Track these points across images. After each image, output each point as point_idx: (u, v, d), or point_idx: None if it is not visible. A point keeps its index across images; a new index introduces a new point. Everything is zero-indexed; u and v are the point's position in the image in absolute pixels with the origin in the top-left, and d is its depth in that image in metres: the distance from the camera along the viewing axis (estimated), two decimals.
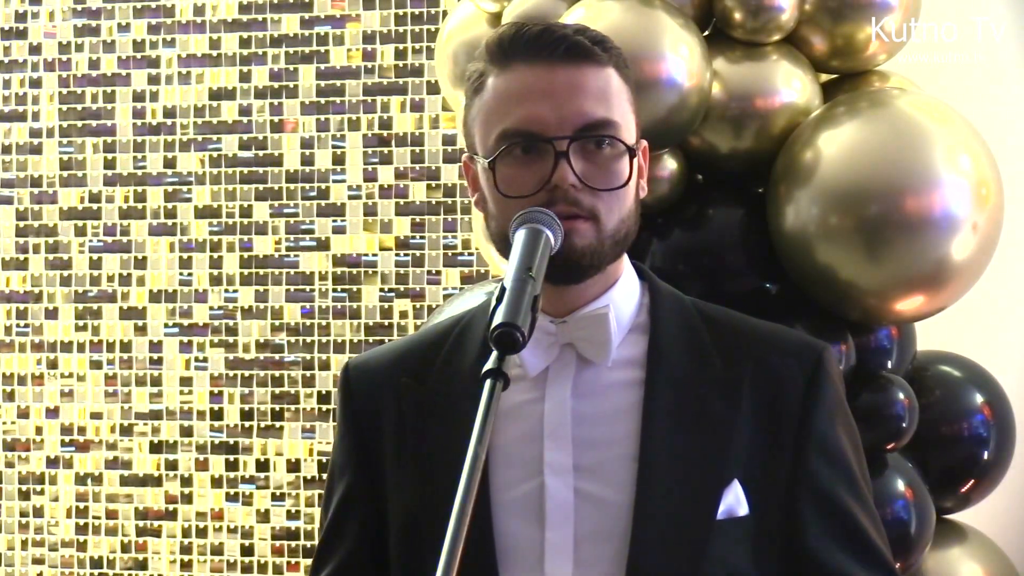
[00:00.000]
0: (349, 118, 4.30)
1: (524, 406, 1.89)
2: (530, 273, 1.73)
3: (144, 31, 4.40)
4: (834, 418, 1.91)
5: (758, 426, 1.87)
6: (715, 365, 1.89)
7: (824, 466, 1.89)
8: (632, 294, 1.93)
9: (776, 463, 1.87)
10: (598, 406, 1.88)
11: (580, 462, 1.86)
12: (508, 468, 1.88)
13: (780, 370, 1.90)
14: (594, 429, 1.87)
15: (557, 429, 1.87)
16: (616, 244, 1.86)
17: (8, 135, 4.48)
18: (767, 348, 1.92)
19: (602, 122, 1.84)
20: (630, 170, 1.84)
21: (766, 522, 1.86)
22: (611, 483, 1.85)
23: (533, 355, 1.88)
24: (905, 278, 2.83)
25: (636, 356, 1.90)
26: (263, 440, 4.33)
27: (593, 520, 1.84)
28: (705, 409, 1.87)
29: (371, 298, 4.28)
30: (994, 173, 2.88)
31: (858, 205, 2.80)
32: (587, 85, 1.85)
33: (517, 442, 1.88)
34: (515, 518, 1.86)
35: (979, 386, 3.09)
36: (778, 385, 1.89)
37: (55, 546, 4.45)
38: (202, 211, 4.37)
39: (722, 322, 1.95)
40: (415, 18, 4.26)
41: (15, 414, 4.47)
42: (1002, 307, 3.68)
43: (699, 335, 1.92)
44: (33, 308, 4.47)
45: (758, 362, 1.90)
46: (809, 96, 2.95)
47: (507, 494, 1.87)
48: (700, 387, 1.88)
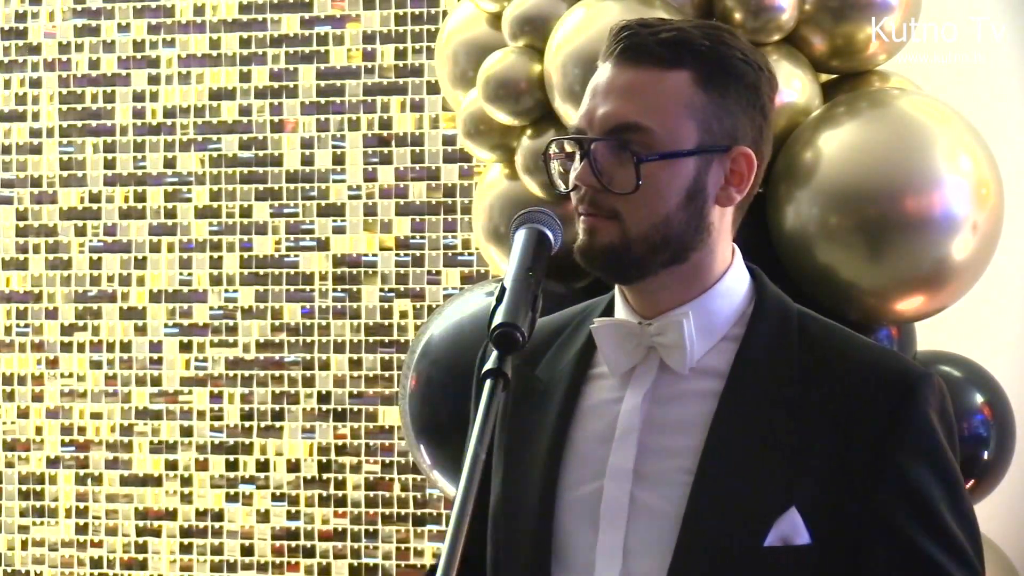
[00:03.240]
0: (349, 118, 4.30)
1: (604, 405, 1.87)
2: (530, 273, 1.73)
3: (144, 31, 4.40)
4: (920, 457, 1.80)
5: (832, 456, 1.79)
6: (796, 387, 1.82)
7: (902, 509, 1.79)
8: (733, 301, 1.88)
9: (847, 497, 1.78)
10: (670, 413, 1.85)
11: (641, 469, 1.83)
12: (577, 466, 1.87)
13: (864, 400, 1.81)
14: (662, 437, 1.84)
15: (626, 433, 1.85)
16: (653, 249, 1.82)
17: (8, 135, 4.48)
18: (857, 376, 1.83)
19: (628, 125, 1.81)
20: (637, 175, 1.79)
21: (831, 555, 1.78)
22: (666, 494, 1.82)
23: (617, 354, 1.86)
24: (905, 278, 2.83)
25: (721, 367, 1.85)
26: (263, 440, 4.33)
27: (644, 529, 1.82)
28: (774, 431, 1.80)
29: (371, 298, 4.28)
30: (994, 173, 2.88)
31: (858, 205, 2.80)
32: (634, 87, 1.83)
33: (590, 441, 1.87)
34: (574, 518, 1.85)
35: (979, 386, 3.09)
36: (859, 416, 1.80)
37: (55, 546, 4.45)
38: (202, 211, 4.37)
39: (820, 341, 1.87)
40: (415, 18, 4.26)
41: (15, 414, 4.47)
42: (1002, 307, 3.68)
43: (790, 352, 1.85)
44: (33, 308, 4.47)
45: (843, 389, 1.81)
46: (809, 96, 2.95)
47: (571, 493, 1.86)
48: (775, 408, 1.81)
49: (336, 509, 4.29)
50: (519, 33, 3.02)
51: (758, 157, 1.87)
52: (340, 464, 4.29)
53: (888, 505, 1.78)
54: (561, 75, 2.86)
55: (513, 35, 3.03)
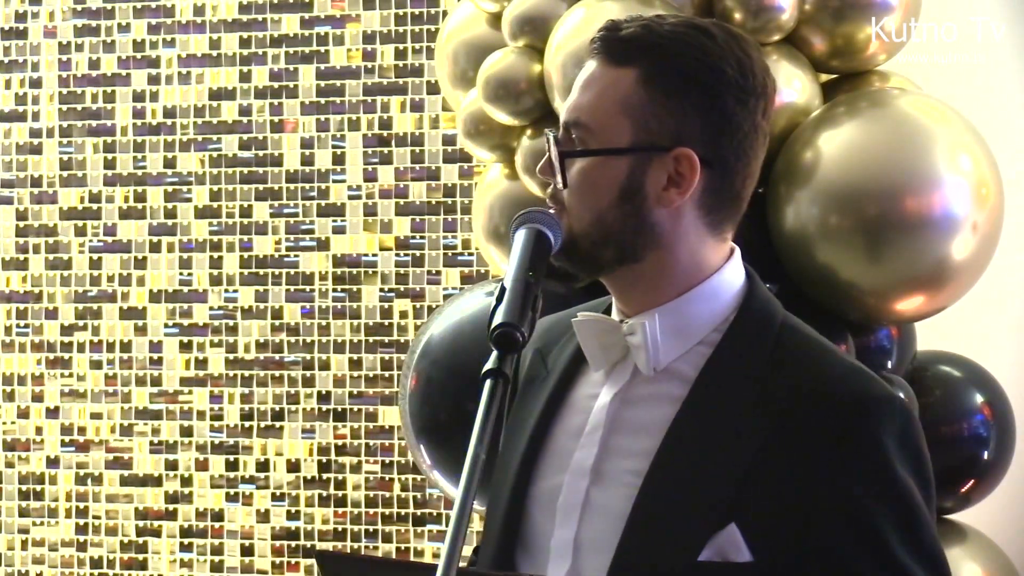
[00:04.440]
0: (349, 118, 4.30)
1: (585, 400, 1.89)
2: (530, 273, 1.73)
3: (144, 31, 4.40)
4: (868, 484, 1.74)
5: (781, 475, 1.75)
6: (755, 402, 1.78)
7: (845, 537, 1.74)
8: (715, 306, 1.85)
9: (792, 518, 1.74)
10: (635, 416, 1.85)
11: (599, 467, 1.84)
12: (551, 458, 1.89)
13: (817, 421, 1.76)
14: (623, 438, 1.84)
15: (594, 430, 1.86)
16: (595, 245, 1.82)
17: (8, 135, 4.48)
18: (817, 396, 1.77)
19: (575, 121, 1.85)
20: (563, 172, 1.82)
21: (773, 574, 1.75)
22: (616, 494, 1.82)
23: (594, 349, 1.87)
24: (905, 278, 2.83)
25: (689, 372, 1.83)
26: (263, 440, 4.33)
27: (594, 527, 1.83)
28: (727, 444, 1.77)
29: (371, 298, 4.28)
30: (994, 173, 2.88)
31: (858, 205, 2.80)
32: (589, 84, 1.85)
33: (564, 435, 1.89)
34: (540, 509, 1.88)
35: (979, 386, 3.09)
36: (810, 437, 1.75)
37: (55, 546, 4.45)
38: (202, 211, 4.37)
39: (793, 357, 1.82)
40: (415, 18, 4.26)
41: (15, 414, 4.47)
42: (1002, 307, 3.68)
43: (759, 366, 1.80)
44: (33, 308, 4.47)
45: (802, 409, 1.77)
46: (809, 96, 2.95)
47: (540, 484, 1.88)
48: (733, 420, 1.78)
49: (336, 509, 4.29)
50: (519, 33, 3.02)
51: (712, 161, 1.81)
52: (340, 464, 4.29)
53: (830, 531, 1.74)
54: (561, 75, 2.86)
55: (513, 35, 3.03)
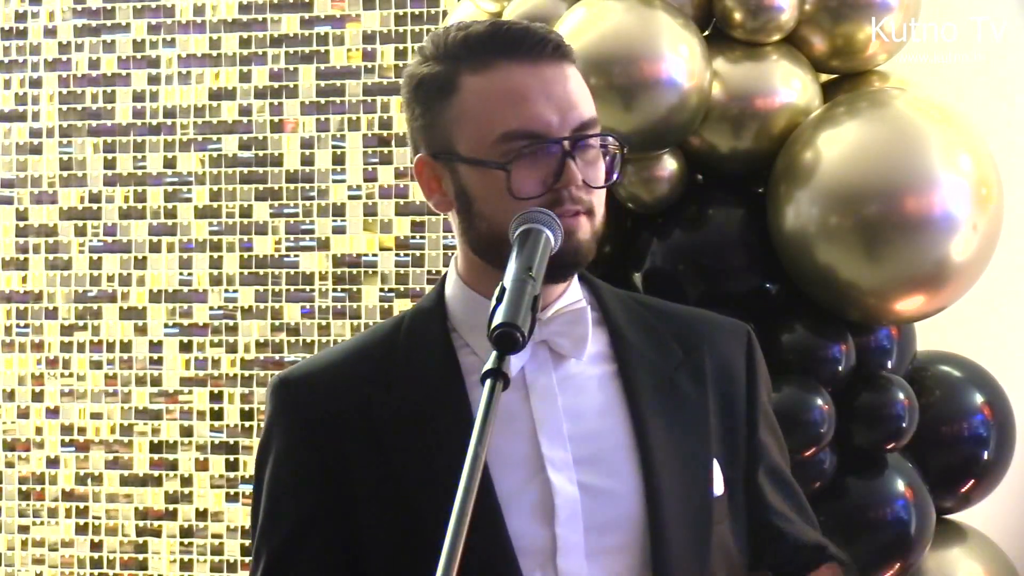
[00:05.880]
0: (349, 118, 4.30)
1: (509, 405, 1.85)
2: (530, 273, 1.73)
3: (144, 31, 4.40)
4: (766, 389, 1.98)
5: (721, 406, 1.92)
6: (676, 351, 1.92)
7: (769, 437, 1.96)
8: (578, 289, 1.94)
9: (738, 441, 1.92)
10: (583, 401, 1.89)
11: (579, 456, 1.86)
12: (508, 468, 1.86)
13: (726, 350, 1.95)
14: (586, 423, 1.88)
15: (551, 426, 1.87)
16: (598, 240, 1.89)
17: (8, 135, 4.48)
18: (711, 330, 1.97)
19: (592, 121, 1.86)
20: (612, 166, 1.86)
21: (736, 499, 1.90)
22: (614, 474, 1.86)
23: None
24: (905, 278, 2.84)
25: (602, 350, 1.91)
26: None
27: (602, 512, 1.85)
28: (681, 394, 1.90)
29: (371, 298, 4.28)
30: (994, 173, 2.88)
31: (858, 205, 2.80)
32: (573, 84, 1.86)
33: (511, 442, 1.87)
34: (525, 517, 1.85)
35: (979, 386, 3.09)
36: (728, 365, 1.94)
37: (55, 546, 4.45)
38: (202, 211, 4.37)
39: (662, 309, 1.98)
40: (415, 18, 4.26)
41: (15, 414, 4.47)
42: (1002, 307, 3.69)
43: (650, 323, 1.94)
44: (33, 308, 4.47)
45: (710, 345, 1.94)
46: (809, 96, 2.95)
47: (513, 495, 1.86)
48: (671, 373, 1.91)
49: None
50: None
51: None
52: None
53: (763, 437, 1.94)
54: None
55: None
